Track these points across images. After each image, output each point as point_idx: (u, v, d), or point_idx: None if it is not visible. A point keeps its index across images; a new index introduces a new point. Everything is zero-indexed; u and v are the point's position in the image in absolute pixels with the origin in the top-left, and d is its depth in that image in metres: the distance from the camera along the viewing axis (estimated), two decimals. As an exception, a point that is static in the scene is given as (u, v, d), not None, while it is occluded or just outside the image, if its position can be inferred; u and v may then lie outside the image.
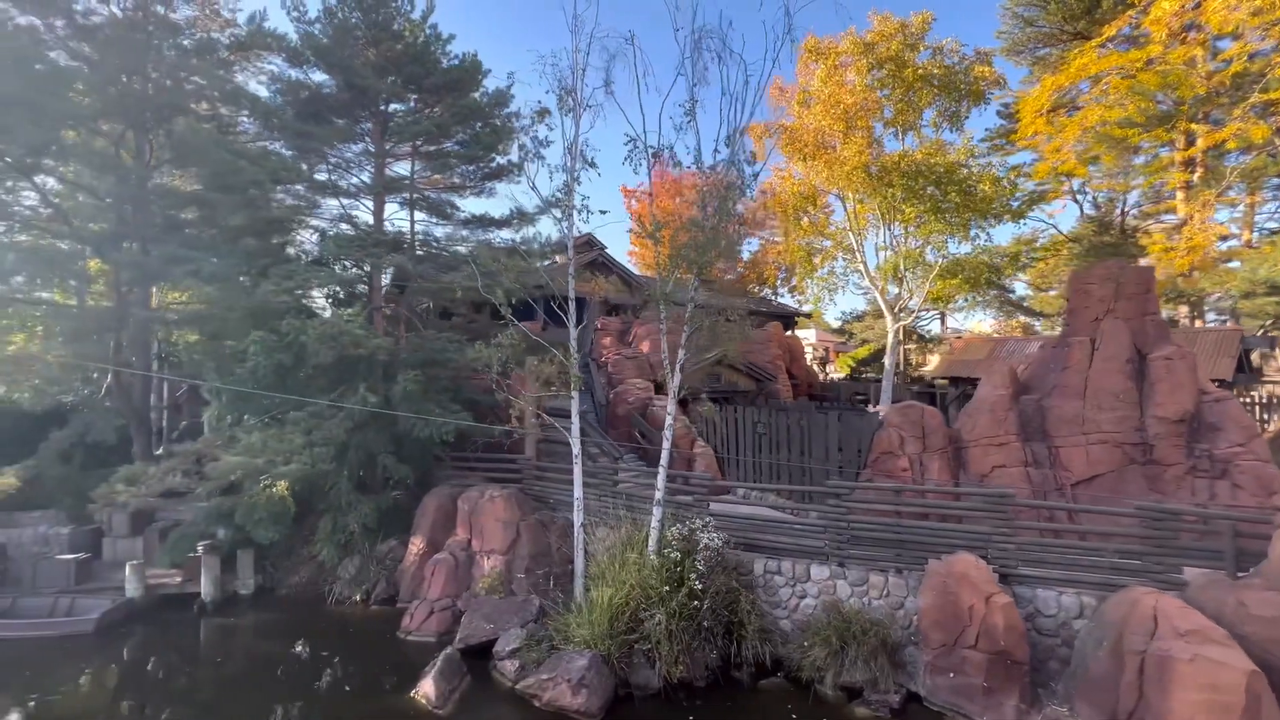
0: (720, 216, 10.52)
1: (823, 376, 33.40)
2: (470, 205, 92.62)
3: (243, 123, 17.17)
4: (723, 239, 10.63)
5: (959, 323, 40.44)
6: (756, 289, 33.08)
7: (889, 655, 8.94)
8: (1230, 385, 18.23)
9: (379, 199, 16.51)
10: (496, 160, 17.35)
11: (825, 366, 40.04)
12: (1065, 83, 24.44)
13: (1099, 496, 12.57)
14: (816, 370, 33.89)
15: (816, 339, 43.08)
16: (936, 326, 38.51)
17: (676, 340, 10.88)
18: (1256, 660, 6.59)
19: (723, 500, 13.46)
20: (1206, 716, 6.46)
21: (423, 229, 17.46)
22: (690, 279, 10.72)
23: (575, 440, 11.04)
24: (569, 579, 11.35)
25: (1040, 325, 35.06)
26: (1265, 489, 11.40)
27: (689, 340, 10.75)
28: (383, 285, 16.63)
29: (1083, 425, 13.32)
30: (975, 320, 43.07)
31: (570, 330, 11.18)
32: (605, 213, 21.94)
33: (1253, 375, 21.15)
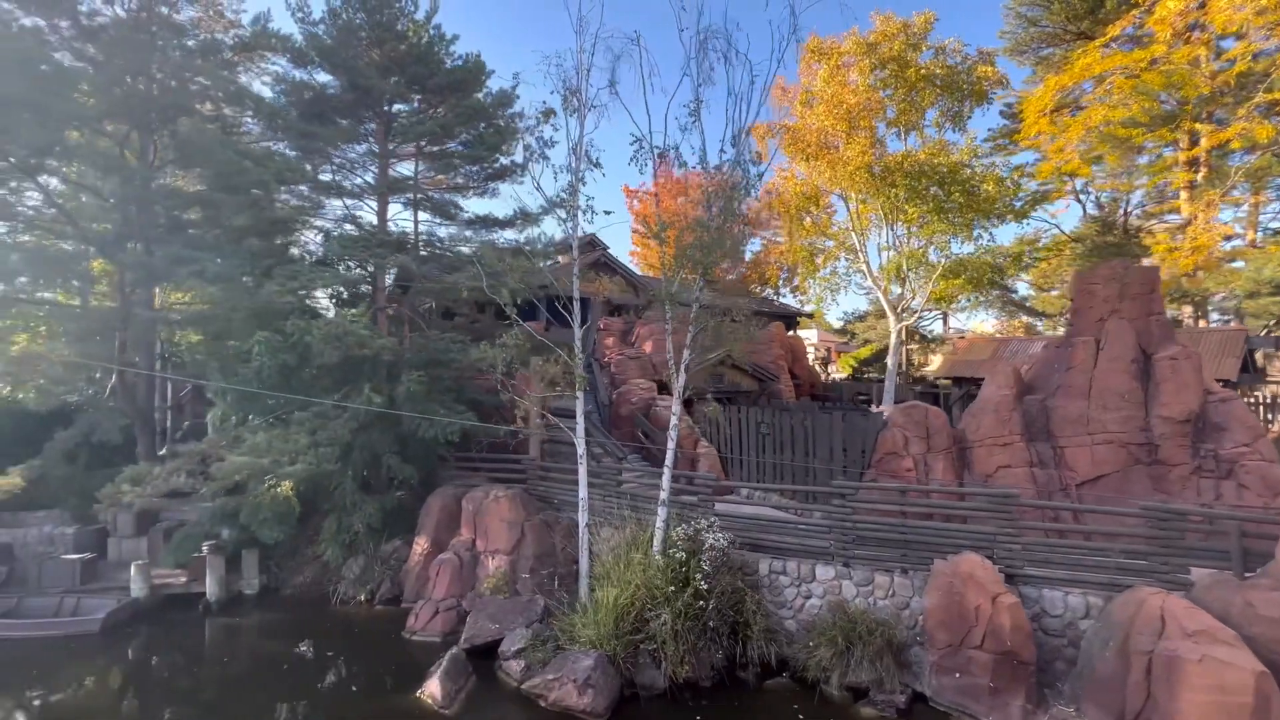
0: (725, 216, 10.53)
1: (824, 377, 33.35)
2: (474, 206, 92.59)
3: (247, 123, 17.22)
4: (728, 239, 10.64)
5: (961, 323, 40.44)
6: (759, 289, 33.07)
7: (894, 655, 8.94)
8: (1235, 385, 18.17)
9: (383, 199, 16.57)
10: (500, 161, 17.45)
11: (827, 367, 40.04)
12: (1069, 82, 24.41)
13: (1104, 497, 12.54)
14: (818, 370, 33.86)
15: (818, 339, 43.07)
16: (939, 327, 38.49)
17: (681, 340, 10.87)
18: (1264, 661, 6.59)
19: (727, 500, 13.47)
20: (1215, 717, 6.45)
21: (426, 229, 17.56)
22: (695, 279, 10.72)
23: (580, 440, 11.05)
24: (574, 579, 11.36)
25: (1043, 325, 35.00)
26: (1271, 489, 11.37)
27: (694, 340, 10.75)
28: (386, 286, 16.67)
29: (1087, 425, 13.31)
30: (977, 320, 43.13)
31: (575, 330, 11.17)
32: (610, 213, 21.98)
33: (1257, 375, 21.12)
